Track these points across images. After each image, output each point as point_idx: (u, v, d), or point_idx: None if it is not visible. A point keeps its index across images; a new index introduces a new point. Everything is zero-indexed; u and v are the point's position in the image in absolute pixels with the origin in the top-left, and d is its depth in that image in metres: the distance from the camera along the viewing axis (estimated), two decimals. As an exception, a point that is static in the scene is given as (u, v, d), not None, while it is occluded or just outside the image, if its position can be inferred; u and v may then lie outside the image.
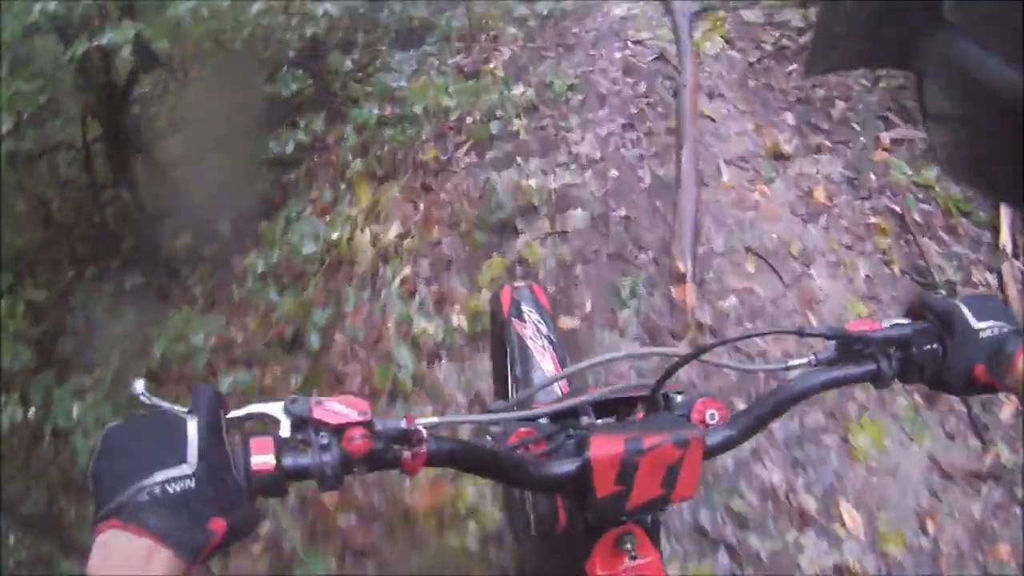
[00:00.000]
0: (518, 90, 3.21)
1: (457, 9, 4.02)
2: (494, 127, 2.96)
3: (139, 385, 0.47)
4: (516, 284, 1.29)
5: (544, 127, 2.99)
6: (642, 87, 3.23)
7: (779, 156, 2.92)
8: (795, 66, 3.69)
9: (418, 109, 3.03)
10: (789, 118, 3.21)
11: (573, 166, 2.75)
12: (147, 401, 0.46)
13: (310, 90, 3.40)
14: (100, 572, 0.39)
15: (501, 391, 1.26)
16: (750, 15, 4.15)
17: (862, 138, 3.13)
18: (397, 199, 2.78)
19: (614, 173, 2.68)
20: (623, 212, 2.52)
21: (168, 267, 2.98)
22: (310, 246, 2.37)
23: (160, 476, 0.42)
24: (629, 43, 3.60)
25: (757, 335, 1.86)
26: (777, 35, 3.93)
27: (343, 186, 2.97)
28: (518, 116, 3.03)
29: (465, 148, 2.92)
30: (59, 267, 3.01)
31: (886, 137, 3.14)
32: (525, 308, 1.19)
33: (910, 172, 2.94)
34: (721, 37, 3.68)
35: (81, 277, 2.94)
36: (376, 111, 3.24)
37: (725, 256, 2.38)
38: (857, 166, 2.98)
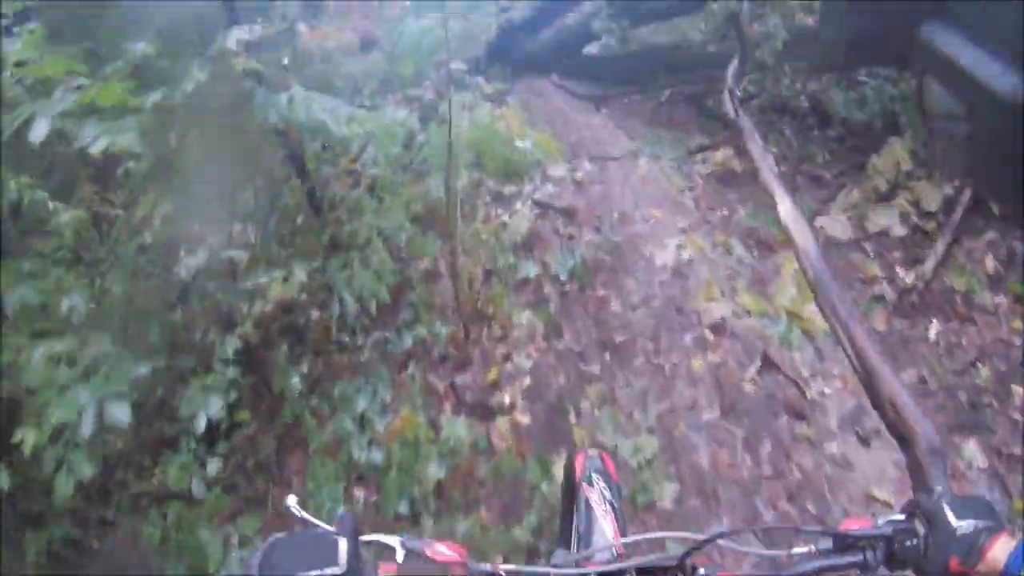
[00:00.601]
0: (560, 474, 1.92)
1: (430, 260, 2.73)
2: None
3: (292, 500, 0.67)
4: (590, 452, 1.38)
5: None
6: (764, 449, 2.00)
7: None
8: (936, 327, 2.56)
9: None
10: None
11: None
12: (298, 514, 0.66)
13: (249, 428, 2.34)
14: None
15: (565, 544, 1.36)
16: (835, 226, 3.02)
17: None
18: None
19: None
20: None
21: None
22: None
23: (316, 572, 0.59)
24: (706, 330, 2.38)
25: (761, 528, 1.90)
26: (887, 267, 2.81)
27: None
28: None
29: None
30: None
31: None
32: (595, 475, 1.30)
33: None
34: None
35: None
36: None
37: None
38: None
